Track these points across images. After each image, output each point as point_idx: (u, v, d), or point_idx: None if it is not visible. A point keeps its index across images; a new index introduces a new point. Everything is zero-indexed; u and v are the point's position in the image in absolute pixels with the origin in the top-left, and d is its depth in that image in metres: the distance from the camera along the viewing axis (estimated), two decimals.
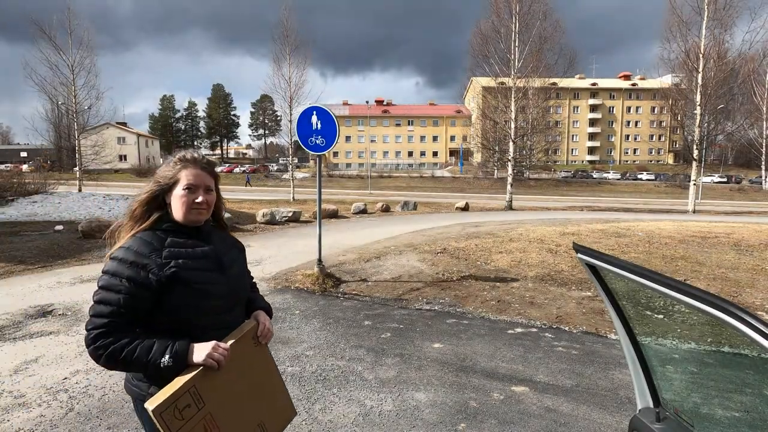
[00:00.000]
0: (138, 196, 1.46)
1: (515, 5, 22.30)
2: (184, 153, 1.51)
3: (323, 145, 6.47)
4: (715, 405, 1.77)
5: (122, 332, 1.29)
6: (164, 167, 1.49)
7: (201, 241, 1.47)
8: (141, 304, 1.31)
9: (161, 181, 1.45)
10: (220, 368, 1.30)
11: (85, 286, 6.27)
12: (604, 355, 4.14)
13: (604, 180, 58.12)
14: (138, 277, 1.30)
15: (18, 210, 14.00)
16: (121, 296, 1.29)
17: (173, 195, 1.44)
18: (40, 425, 2.85)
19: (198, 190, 1.44)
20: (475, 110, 46.84)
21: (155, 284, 1.31)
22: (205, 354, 1.29)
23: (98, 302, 1.30)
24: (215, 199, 1.52)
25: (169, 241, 1.40)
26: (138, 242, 1.37)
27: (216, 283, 1.42)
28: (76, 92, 23.64)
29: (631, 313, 1.55)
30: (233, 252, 1.59)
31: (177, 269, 1.35)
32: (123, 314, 1.29)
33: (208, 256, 1.44)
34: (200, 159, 1.50)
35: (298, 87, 25.09)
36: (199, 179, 1.45)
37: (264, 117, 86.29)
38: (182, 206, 1.42)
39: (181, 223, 1.44)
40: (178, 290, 1.34)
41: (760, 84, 42.14)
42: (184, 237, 1.44)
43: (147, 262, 1.32)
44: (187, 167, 1.46)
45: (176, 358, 1.27)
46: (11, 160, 63.44)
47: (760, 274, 7.33)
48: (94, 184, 26.80)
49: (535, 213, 20.83)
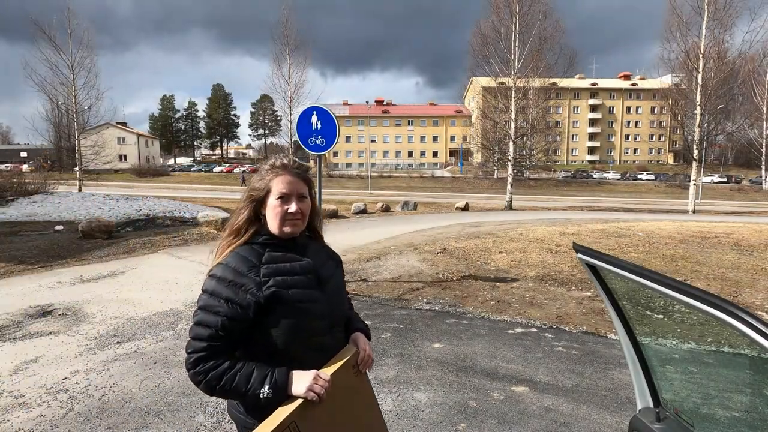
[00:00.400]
0: (237, 212, 1.39)
1: (515, 5, 22.31)
2: (274, 159, 1.41)
3: (323, 145, 6.47)
4: (715, 405, 1.77)
5: (222, 356, 1.23)
6: (256, 176, 1.41)
7: (298, 255, 1.37)
8: (240, 325, 1.24)
9: (253, 193, 1.37)
10: (320, 401, 1.21)
11: (85, 286, 6.27)
12: (604, 355, 4.14)
13: (604, 180, 58.13)
14: (236, 297, 1.23)
15: (18, 210, 14.00)
16: (219, 318, 1.22)
17: (267, 206, 1.35)
18: (40, 425, 2.85)
19: (291, 199, 1.34)
20: (475, 110, 46.84)
21: (254, 305, 1.24)
22: (306, 386, 1.20)
23: (197, 324, 1.24)
24: (310, 208, 1.40)
25: (266, 257, 1.32)
26: (236, 258, 1.29)
27: (316, 301, 1.32)
28: (76, 92, 23.68)
29: (631, 313, 1.55)
30: (330, 265, 1.47)
31: (276, 288, 1.26)
32: (222, 337, 1.22)
33: (307, 272, 1.34)
34: (291, 164, 1.39)
35: (298, 87, 25.22)
36: (292, 187, 1.35)
37: (264, 117, 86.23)
38: (275, 218, 1.34)
39: (276, 236, 1.35)
40: (277, 310, 1.26)
41: (760, 84, 42.15)
42: (281, 250, 1.35)
43: (245, 282, 1.25)
44: (278, 175, 1.36)
45: (275, 389, 1.19)
46: (11, 160, 63.49)
47: (760, 274, 7.33)
48: (94, 184, 26.80)
49: (535, 213, 20.83)
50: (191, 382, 1.25)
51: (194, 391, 3.30)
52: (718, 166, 63.87)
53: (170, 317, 5.00)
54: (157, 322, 4.82)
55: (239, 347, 1.28)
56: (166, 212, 14.20)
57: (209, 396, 1.30)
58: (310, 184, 1.41)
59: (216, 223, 11.58)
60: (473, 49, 24.63)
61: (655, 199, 38.96)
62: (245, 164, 69.94)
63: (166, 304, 5.50)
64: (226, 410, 3.04)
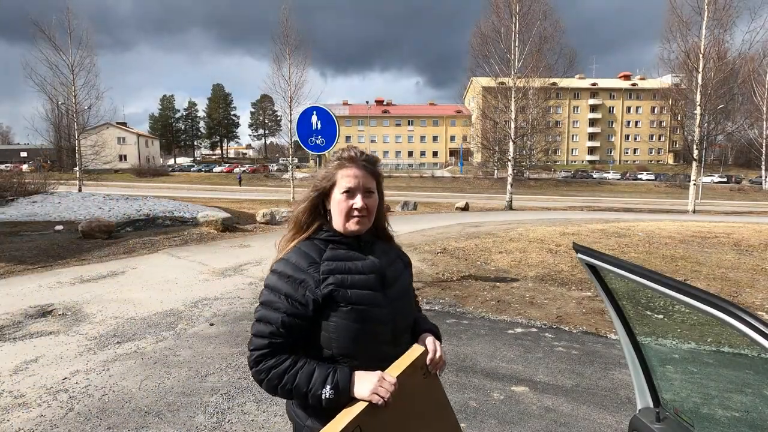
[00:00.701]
0: (299, 204, 1.34)
1: (515, 5, 22.31)
2: (341, 150, 1.34)
3: (323, 145, 6.47)
4: (715, 405, 1.77)
5: (284, 353, 1.18)
6: (322, 168, 1.35)
7: (361, 253, 1.29)
8: (301, 322, 1.19)
9: (318, 185, 1.31)
10: (386, 406, 1.12)
11: (85, 286, 6.28)
12: (604, 355, 4.14)
13: (604, 180, 58.12)
14: (296, 293, 1.19)
15: (18, 210, 14.00)
16: (280, 315, 1.18)
17: (331, 200, 1.29)
18: (40, 425, 2.85)
19: (357, 193, 1.26)
20: (475, 110, 46.87)
21: (312, 303, 1.19)
22: (369, 389, 1.11)
23: (258, 320, 1.21)
24: (377, 204, 1.32)
25: (327, 253, 1.26)
26: (297, 254, 1.25)
27: (378, 305, 1.24)
28: (76, 92, 23.67)
29: (631, 313, 1.55)
30: (397, 266, 1.36)
31: (334, 286, 1.20)
32: (283, 334, 1.18)
33: (370, 271, 1.25)
34: (359, 156, 1.31)
35: (298, 87, 25.13)
36: (358, 181, 1.27)
37: (264, 117, 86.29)
38: (340, 214, 1.27)
39: (340, 233, 1.28)
40: (335, 311, 1.20)
41: (760, 84, 42.12)
42: (344, 248, 1.28)
43: (304, 278, 1.20)
44: (344, 167, 1.29)
45: (337, 391, 1.13)
46: (11, 160, 63.50)
47: (760, 274, 7.33)
48: (94, 184, 26.83)
49: (535, 213, 20.83)
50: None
51: (194, 391, 3.30)
52: (718, 166, 63.88)
53: (170, 317, 5.00)
54: (157, 322, 4.82)
55: (301, 345, 1.23)
56: (166, 212, 14.20)
57: (272, 396, 1.26)
58: (378, 179, 1.33)
59: (216, 223, 11.58)
60: (473, 49, 24.65)
61: (655, 199, 38.96)
62: (245, 164, 69.95)
63: (166, 304, 5.50)
64: (227, 410, 3.04)
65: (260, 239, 10.86)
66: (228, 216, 12.55)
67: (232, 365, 3.77)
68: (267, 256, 8.61)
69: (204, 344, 4.23)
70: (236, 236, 11.09)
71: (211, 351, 4.07)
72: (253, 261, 8.14)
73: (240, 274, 7.15)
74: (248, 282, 6.63)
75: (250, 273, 7.21)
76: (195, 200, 20.75)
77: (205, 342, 4.29)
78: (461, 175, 58.53)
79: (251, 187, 40.50)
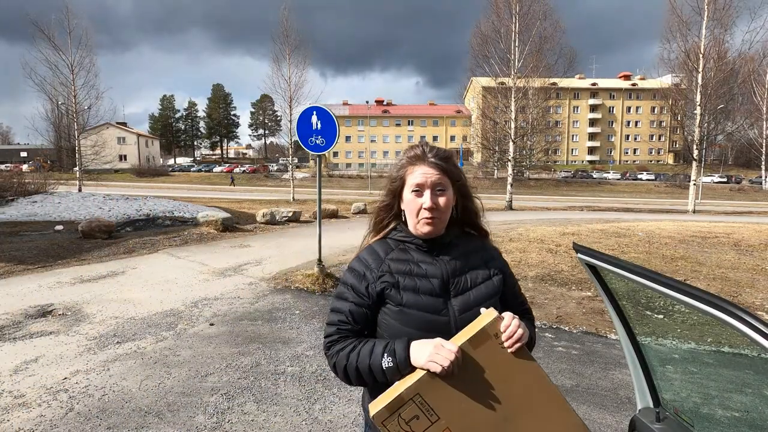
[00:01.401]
0: (377, 202, 1.33)
1: (515, 5, 22.32)
2: (409, 148, 1.28)
3: (323, 145, 6.47)
4: (715, 405, 1.77)
5: (351, 339, 1.19)
6: (393, 167, 1.30)
7: (431, 256, 1.23)
8: (365, 311, 1.21)
9: (391, 186, 1.27)
10: (448, 374, 1.02)
11: (85, 286, 6.27)
12: (604, 355, 4.14)
13: (604, 180, 58.12)
14: (359, 286, 1.21)
15: (18, 210, 14.00)
16: (347, 304, 1.21)
17: (403, 200, 1.25)
18: (40, 425, 2.85)
19: (425, 191, 1.20)
20: (475, 110, 46.86)
21: (368, 297, 1.20)
22: (426, 357, 1.04)
23: (331, 310, 1.25)
24: (451, 203, 1.24)
25: (393, 253, 1.24)
26: (368, 251, 1.27)
27: (434, 311, 1.17)
28: (76, 92, 23.68)
29: (631, 313, 1.55)
30: (478, 273, 1.25)
31: (387, 284, 1.19)
32: (350, 322, 1.20)
33: (433, 276, 1.19)
34: (427, 152, 1.24)
35: (298, 87, 25.15)
36: (426, 178, 1.20)
37: (264, 117, 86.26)
38: (410, 214, 1.22)
39: (414, 235, 1.24)
40: (386, 309, 1.19)
41: (760, 84, 42.15)
42: (416, 250, 1.24)
43: (367, 273, 1.22)
44: (413, 164, 1.23)
45: (394, 358, 1.08)
46: (11, 160, 63.50)
47: (760, 274, 7.33)
48: (94, 184, 26.84)
49: (535, 213, 20.83)
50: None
51: (194, 390, 3.30)
52: (718, 166, 63.88)
53: (170, 317, 5.00)
54: (157, 322, 4.82)
55: (369, 334, 1.23)
56: (166, 212, 14.20)
57: (348, 386, 1.24)
58: (451, 176, 1.24)
59: (216, 223, 11.58)
60: (473, 49, 24.68)
61: (655, 199, 38.96)
62: (245, 164, 69.93)
63: (166, 304, 5.50)
64: (227, 410, 3.04)
65: (260, 239, 10.86)
66: (228, 216, 12.55)
67: (232, 365, 3.77)
68: (267, 256, 8.61)
69: (204, 344, 4.23)
70: (236, 236, 11.09)
71: (211, 351, 4.07)
72: (253, 261, 8.14)
73: (240, 274, 7.15)
74: (248, 282, 6.63)
75: (250, 273, 7.21)
76: (195, 200, 20.75)
77: (205, 342, 4.29)
78: None
79: (252, 187, 40.50)
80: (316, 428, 2.87)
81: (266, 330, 4.67)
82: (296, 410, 3.08)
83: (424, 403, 1.03)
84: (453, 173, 1.25)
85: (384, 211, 1.29)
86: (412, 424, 1.03)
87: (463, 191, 1.28)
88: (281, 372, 3.67)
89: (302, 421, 2.95)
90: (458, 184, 1.26)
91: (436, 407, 1.03)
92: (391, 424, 1.02)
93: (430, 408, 1.03)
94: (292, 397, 3.26)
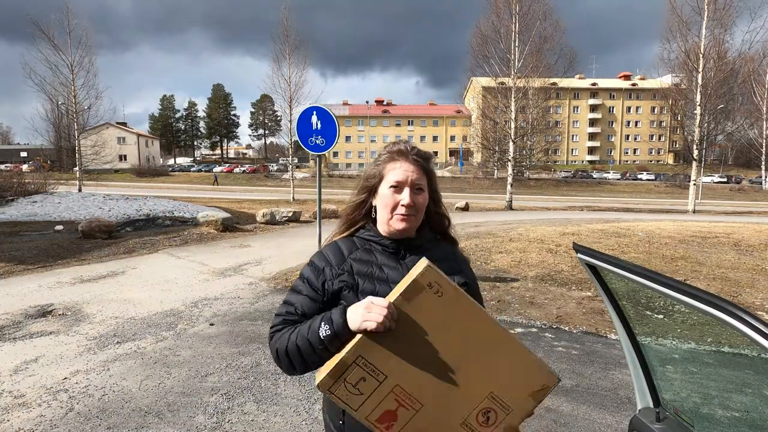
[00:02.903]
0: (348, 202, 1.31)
1: (515, 5, 22.32)
2: (391, 144, 1.26)
3: (323, 145, 6.47)
4: (715, 405, 1.77)
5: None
6: (370, 163, 1.28)
7: (396, 260, 1.20)
8: (318, 306, 1.16)
9: (366, 182, 1.25)
10: (386, 330, 0.98)
11: (85, 286, 6.27)
12: (604, 355, 4.14)
13: (604, 180, 58.09)
14: (315, 281, 1.18)
15: (18, 210, 14.00)
16: (300, 297, 1.18)
17: (378, 196, 1.22)
18: (40, 425, 2.85)
19: (404, 188, 1.18)
20: (475, 110, 46.87)
21: (323, 293, 1.16)
22: (359, 317, 0.99)
23: (283, 302, 1.22)
24: (426, 203, 1.22)
25: (358, 253, 1.21)
26: (331, 248, 1.23)
27: None
28: (76, 92, 23.67)
29: (631, 313, 1.55)
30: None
31: (345, 285, 1.15)
32: (298, 314, 1.16)
33: (393, 281, 1.13)
34: (409, 150, 1.23)
35: (298, 87, 25.14)
36: (407, 175, 1.18)
37: (264, 117, 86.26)
38: (384, 208, 1.19)
39: (384, 235, 1.21)
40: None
41: (760, 84, 42.13)
42: (382, 251, 1.21)
43: (327, 269, 1.18)
44: (393, 160, 1.21)
45: (331, 325, 1.03)
46: (11, 160, 63.48)
47: (760, 274, 7.33)
48: (94, 184, 26.84)
49: (535, 213, 20.83)
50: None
51: (194, 390, 3.30)
52: (718, 166, 63.88)
53: (170, 317, 5.00)
54: (157, 322, 4.82)
55: None
56: (166, 212, 14.20)
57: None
58: (430, 176, 1.23)
59: (216, 223, 11.58)
60: (473, 49, 24.67)
61: (655, 199, 38.96)
62: (245, 164, 69.87)
63: (166, 304, 5.50)
64: (227, 410, 3.04)
65: (260, 239, 10.87)
66: (228, 216, 12.55)
67: (232, 365, 3.77)
68: (267, 256, 8.61)
69: (204, 344, 4.23)
70: (236, 236, 11.09)
71: (211, 351, 4.07)
72: (253, 261, 8.14)
73: (240, 274, 7.15)
74: (248, 282, 6.63)
75: (250, 273, 7.21)
76: (195, 200, 20.74)
77: (205, 342, 4.29)
78: (461, 175, 58.49)
79: (252, 187, 40.47)
80: (316, 428, 2.87)
81: (266, 330, 4.66)
82: (296, 410, 3.08)
83: (367, 363, 1.00)
84: (431, 175, 1.24)
85: (356, 208, 1.27)
86: (360, 386, 1.00)
87: (435, 197, 1.27)
88: (281, 372, 3.66)
89: (302, 421, 2.95)
90: (431, 188, 1.25)
91: (380, 366, 1.01)
92: (339, 390, 1.00)
93: (374, 368, 1.01)
94: (292, 397, 3.26)
